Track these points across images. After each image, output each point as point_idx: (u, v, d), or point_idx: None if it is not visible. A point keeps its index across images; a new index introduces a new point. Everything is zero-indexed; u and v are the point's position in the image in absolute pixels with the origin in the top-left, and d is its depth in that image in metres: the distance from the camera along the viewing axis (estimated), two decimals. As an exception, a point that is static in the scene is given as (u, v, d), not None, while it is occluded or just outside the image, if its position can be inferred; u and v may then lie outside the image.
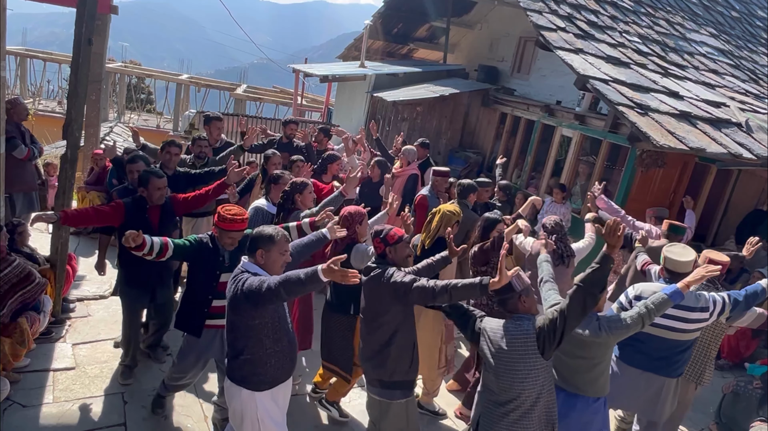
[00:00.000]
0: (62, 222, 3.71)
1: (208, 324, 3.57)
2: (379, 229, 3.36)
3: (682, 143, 6.07)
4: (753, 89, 8.93)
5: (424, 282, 3.05)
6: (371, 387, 3.46)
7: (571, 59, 7.19)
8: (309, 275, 2.68)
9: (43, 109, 17.19)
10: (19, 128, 5.70)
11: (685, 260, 3.68)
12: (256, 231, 3.00)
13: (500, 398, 2.95)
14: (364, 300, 3.39)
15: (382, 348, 3.30)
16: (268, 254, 2.95)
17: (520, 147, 9.45)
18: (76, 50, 4.33)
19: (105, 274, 4.55)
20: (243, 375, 2.98)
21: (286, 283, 2.71)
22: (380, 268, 3.25)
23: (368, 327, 3.37)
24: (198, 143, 5.60)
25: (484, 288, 2.87)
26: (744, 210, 8.15)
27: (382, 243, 3.32)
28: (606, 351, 3.28)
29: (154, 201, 3.99)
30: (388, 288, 3.16)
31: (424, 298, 3.08)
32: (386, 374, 3.34)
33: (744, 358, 6.08)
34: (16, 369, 4.08)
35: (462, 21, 11.91)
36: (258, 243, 2.95)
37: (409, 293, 3.07)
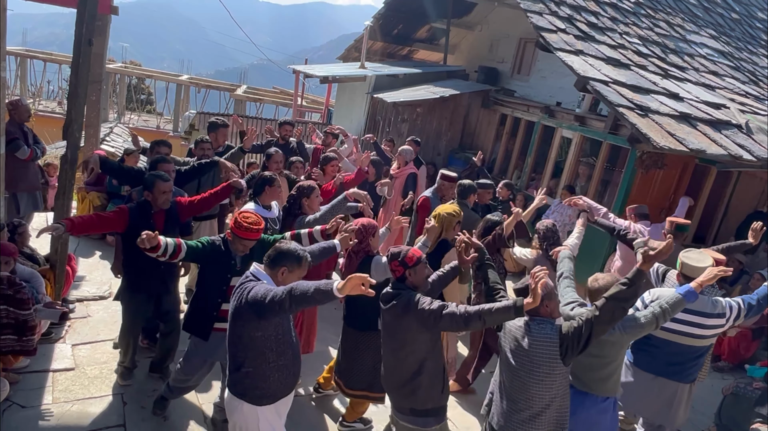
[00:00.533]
0: (68, 231, 3.63)
1: (216, 327, 3.53)
2: (396, 251, 3.17)
3: (682, 145, 6.07)
4: (753, 91, 8.93)
5: (455, 309, 2.92)
6: (402, 415, 3.29)
7: (571, 60, 7.19)
8: (322, 291, 2.56)
9: (43, 109, 17.20)
10: (22, 128, 5.75)
11: (703, 266, 3.67)
12: (285, 247, 2.90)
13: (513, 394, 2.99)
14: (387, 328, 3.23)
15: (413, 377, 3.15)
16: (290, 274, 2.88)
17: (520, 148, 9.45)
18: (76, 51, 4.34)
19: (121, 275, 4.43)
20: (244, 389, 2.91)
21: (295, 295, 2.61)
22: (403, 295, 3.07)
23: (395, 356, 3.20)
24: (201, 146, 5.47)
25: (518, 311, 2.81)
26: (744, 211, 8.15)
27: (401, 266, 3.12)
28: (619, 350, 3.28)
29: (158, 205, 3.92)
30: (416, 316, 3.00)
31: (456, 326, 2.95)
32: (419, 403, 3.21)
33: (744, 360, 6.08)
34: (16, 370, 4.08)
35: (462, 22, 11.91)
36: (284, 261, 2.87)
37: (440, 321, 2.94)
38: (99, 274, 5.93)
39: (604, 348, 3.22)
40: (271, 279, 2.86)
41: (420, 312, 2.97)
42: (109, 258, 6.32)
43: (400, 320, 3.08)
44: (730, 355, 6.13)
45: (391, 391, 3.35)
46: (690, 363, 3.81)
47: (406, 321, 3.05)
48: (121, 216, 3.82)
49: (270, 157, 5.48)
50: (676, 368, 3.77)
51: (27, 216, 6.06)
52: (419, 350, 3.12)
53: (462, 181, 5.47)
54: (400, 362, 3.19)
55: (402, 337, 3.12)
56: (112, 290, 5.60)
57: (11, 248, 3.97)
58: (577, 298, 3.35)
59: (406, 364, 3.16)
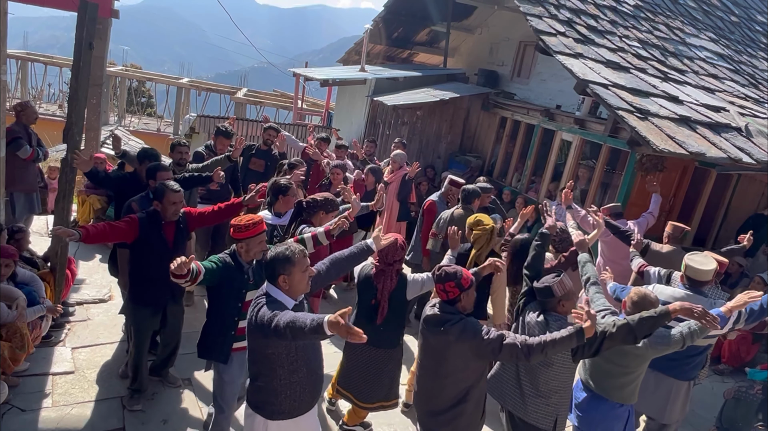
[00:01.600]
0: (83, 240, 3.48)
1: (235, 347, 3.36)
2: (452, 272, 2.97)
3: (682, 148, 6.08)
4: (753, 94, 8.94)
5: (515, 341, 2.82)
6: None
7: (571, 64, 7.21)
8: (314, 326, 2.42)
9: (43, 112, 17.20)
10: (27, 130, 5.81)
11: (707, 269, 3.74)
12: (270, 255, 2.77)
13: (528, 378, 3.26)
14: (432, 352, 3.05)
15: (457, 404, 3.03)
16: (290, 278, 2.73)
17: (520, 151, 9.45)
18: (77, 54, 4.34)
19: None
20: (257, 402, 2.87)
21: (293, 328, 2.49)
22: (455, 319, 2.92)
23: (439, 381, 3.04)
24: (178, 149, 5.21)
25: (580, 337, 2.80)
26: (744, 214, 8.15)
27: (457, 289, 2.94)
28: (642, 363, 3.32)
29: (168, 216, 3.77)
30: (473, 345, 2.87)
31: (516, 357, 2.84)
32: (458, 430, 3.10)
33: (745, 363, 6.07)
34: (15, 373, 4.07)
35: (462, 25, 11.93)
36: (277, 268, 2.73)
37: (498, 353, 2.84)
38: (99, 277, 5.93)
39: (627, 359, 3.27)
40: (279, 291, 2.76)
41: (478, 342, 2.85)
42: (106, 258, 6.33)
43: (452, 346, 2.92)
44: (730, 358, 6.12)
45: (427, 416, 3.17)
46: (687, 360, 3.85)
47: (460, 349, 2.91)
48: (131, 226, 3.69)
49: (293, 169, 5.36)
50: (673, 364, 3.81)
51: (26, 219, 6.07)
52: (469, 378, 3.01)
53: (466, 186, 5.51)
54: (443, 388, 3.04)
55: (453, 363, 2.97)
56: (113, 293, 5.60)
57: (11, 250, 3.97)
58: (608, 306, 3.43)
59: (452, 391, 3.03)
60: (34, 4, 6.98)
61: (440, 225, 5.42)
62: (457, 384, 3.01)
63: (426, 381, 3.13)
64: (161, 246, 3.77)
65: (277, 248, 2.79)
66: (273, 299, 2.71)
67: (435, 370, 3.05)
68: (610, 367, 3.32)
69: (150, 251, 3.77)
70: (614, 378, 3.34)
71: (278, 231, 4.25)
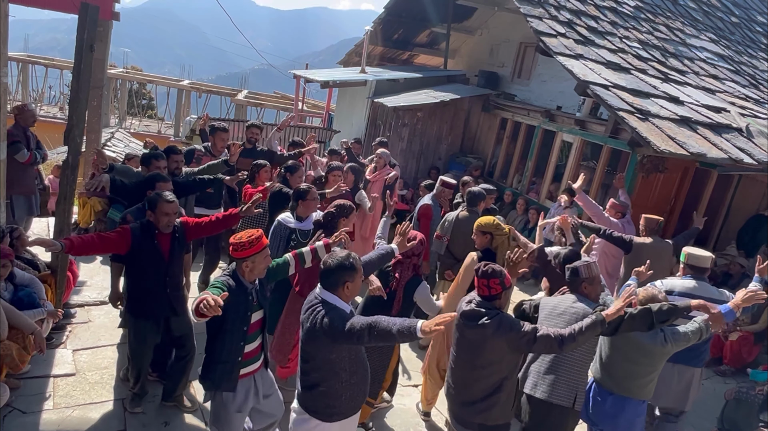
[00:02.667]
0: (67, 251, 3.34)
1: (242, 373, 3.22)
2: (498, 270, 3.14)
3: (683, 148, 6.07)
4: (753, 94, 8.94)
5: (548, 332, 3.03)
6: (464, 429, 3.32)
7: (572, 65, 7.21)
8: (404, 330, 2.54)
9: (44, 114, 17.20)
10: (25, 133, 5.78)
11: (706, 255, 4.09)
12: (336, 263, 2.78)
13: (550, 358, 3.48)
14: (469, 345, 3.20)
15: (492, 393, 3.19)
16: (353, 285, 2.82)
17: (520, 152, 9.45)
18: (77, 56, 4.34)
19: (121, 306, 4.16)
20: (317, 407, 2.92)
21: (374, 333, 2.58)
22: (491, 314, 3.09)
23: (473, 373, 3.21)
24: (173, 158, 4.96)
25: (602, 324, 3.04)
26: (745, 215, 8.14)
27: (500, 286, 3.13)
28: (663, 360, 3.53)
29: (161, 227, 3.63)
30: (509, 338, 3.05)
31: (550, 348, 3.06)
32: (491, 419, 3.25)
33: (746, 364, 6.06)
34: (17, 376, 4.07)
35: (462, 27, 11.94)
36: (343, 277, 2.78)
37: (533, 344, 3.04)
38: (100, 279, 5.93)
39: (654, 357, 3.46)
40: (338, 298, 2.81)
41: (515, 335, 3.03)
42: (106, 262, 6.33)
43: (490, 339, 3.09)
44: (732, 359, 6.10)
45: (461, 406, 3.31)
46: (701, 348, 4.13)
47: (497, 342, 3.07)
48: (123, 237, 3.55)
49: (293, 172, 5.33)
50: (692, 354, 4.04)
51: (25, 221, 6.07)
52: (504, 369, 3.17)
53: (472, 189, 5.54)
54: (479, 379, 3.20)
55: (489, 356, 3.14)
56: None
57: (6, 251, 3.96)
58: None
59: (487, 381, 3.18)
60: (35, 7, 7.00)
61: (445, 228, 5.42)
62: (492, 375, 3.17)
63: (462, 372, 3.27)
64: (156, 258, 3.66)
65: (338, 256, 2.82)
66: (333, 306, 2.77)
67: (471, 362, 3.20)
68: (636, 368, 3.50)
69: (145, 263, 3.66)
70: (640, 377, 3.51)
71: (296, 236, 4.20)
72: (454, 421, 3.40)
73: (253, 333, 3.17)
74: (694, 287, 4.06)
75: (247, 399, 3.26)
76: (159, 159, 4.76)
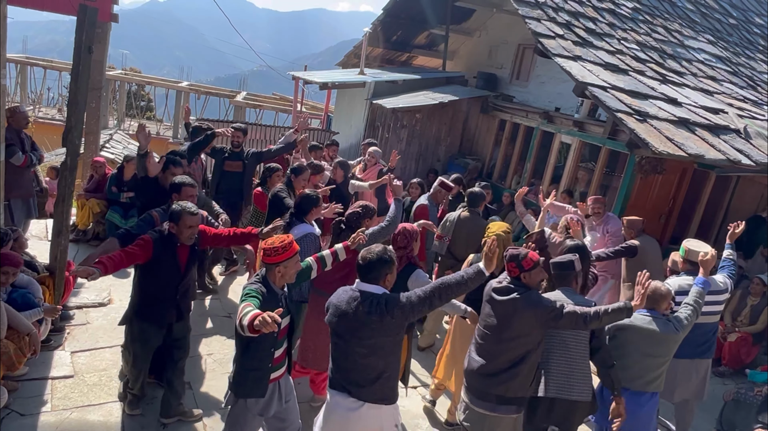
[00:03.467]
0: (104, 274, 3.39)
1: (271, 378, 3.24)
2: (515, 254, 3.34)
3: (681, 150, 6.08)
4: (751, 95, 8.96)
5: (575, 309, 3.20)
6: (481, 402, 3.41)
7: (570, 66, 7.22)
8: (473, 275, 2.93)
9: (43, 116, 17.20)
10: (19, 135, 5.70)
11: (706, 249, 4.16)
12: (377, 258, 2.94)
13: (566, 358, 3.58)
14: (498, 318, 3.34)
15: (515, 365, 3.32)
16: (392, 276, 3.02)
17: (519, 153, 9.46)
18: (76, 58, 4.34)
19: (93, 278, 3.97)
20: (384, 393, 3.01)
21: (444, 288, 2.89)
22: (521, 291, 3.27)
23: (500, 345, 3.34)
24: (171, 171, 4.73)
25: (628, 311, 3.18)
26: (743, 216, 8.12)
27: (517, 269, 3.32)
28: (676, 347, 3.72)
29: (183, 239, 3.65)
30: (538, 313, 3.21)
31: (575, 324, 3.22)
32: (510, 391, 3.35)
33: (745, 365, 6.07)
34: (15, 378, 4.07)
35: (461, 28, 11.95)
36: (384, 269, 2.96)
37: (560, 319, 3.19)
38: (98, 281, 5.88)
39: (668, 346, 3.65)
40: (379, 287, 2.97)
41: (542, 311, 3.21)
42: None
43: (519, 313, 3.26)
44: (731, 360, 6.11)
45: (482, 378, 3.41)
46: (712, 339, 4.35)
47: (526, 316, 3.24)
48: (145, 248, 3.57)
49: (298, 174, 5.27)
50: (705, 346, 4.25)
51: (23, 224, 6.05)
52: (530, 342, 3.31)
53: (473, 189, 5.57)
54: (505, 351, 3.33)
55: (516, 329, 3.29)
56: (112, 297, 5.59)
57: (16, 259, 3.96)
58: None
59: (513, 353, 3.32)
60: (34, 8, 7.01)
61: (446, 228, 5.42)
62: (518, 347, 3.31)
63: (489, 345, 3.40)
64: (173, 269, 3.68)
65: (376, 249, 2.98)
66: (379, 294, 2.93)
67: (499, 334, 3.34)
68: (654, 360, 3.64)
69: (161, 272, 3.68)
70: (657, 368, 3.67)
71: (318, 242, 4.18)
72: (472, 397, 3.46)
73: (281, 338, 3.19)
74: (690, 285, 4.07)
75: (270, 404, 3.26)
76: (177, 166, 4.70)
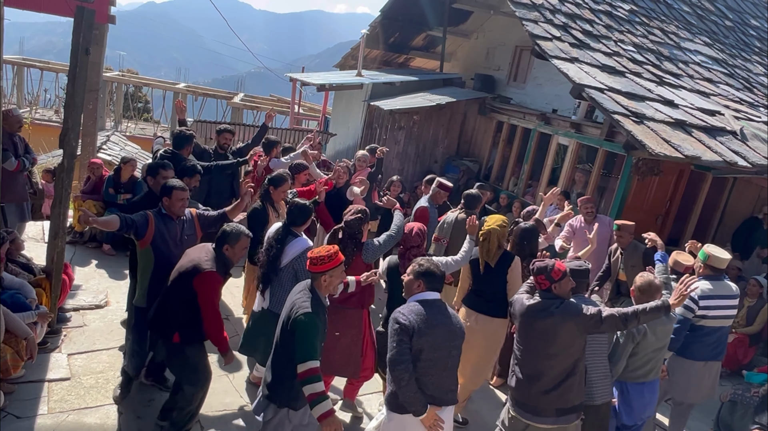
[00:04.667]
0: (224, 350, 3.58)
1: None
2: (543, 266, 3.35)
3: (678, 151, 6.10)
4: (747, 97, 8.99)
5: (613, 312, 3.26)
6: (541, 418, 3.39)
7: (567, 68, 7.23)
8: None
9: (39, 118, 17.16)
10: (12, 139, 5.63)
11: (727, 257, 4.26)
12: (435, 269, 3.14)
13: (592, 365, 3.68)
14: (540, 336, 3.34)
15: (567, 377, 3.34)
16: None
17: (516, 155, 9.48)
18: (73, 59, 4.34)
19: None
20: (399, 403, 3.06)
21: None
22: (557, 304, 3.30)
23: (549, 361, 3.34)
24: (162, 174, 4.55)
25: (666, 310, 3.27)
26: (740, 217, 8.18)
27: (547, 281, 3.34)
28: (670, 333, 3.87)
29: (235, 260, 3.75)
30: (578, 321, 3.26)
31: (616, 327, 3.30)
32: (568, 402, 3.37)
33: (741, 366, 6.08)
34: (11, 380, 4.05)
35: (458, 30, 11.97)
36: (442, 281, 3.20)
37: (601, 324, 3.25)
38: (95, 283, 5.91)
39: (666, 335, 3.77)
40: (436, 294, 3.18)
41: (582, 318, 3.25)
42: (106, 267, 6.31)
43: (560, 326, 3.27)
44: (727, 361, 6.11)
45: (534, 396, 3.39)
46: (725, 342, 4.43)
47: (567, 327, 3.27)
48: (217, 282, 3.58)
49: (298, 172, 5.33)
50: (719, 350, 4.32)
51: (18, 227, 6.02)
52: (576, 351, 3.35)
53: (470, 191, 5.57)
54: (554, 366, 3.34)
55: (561, 342, 3.31)
56: (109, 299, 5.58)
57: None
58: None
59: (561, 366, 3.35)
60: (31, 10, 7.00)
61: (444, 230, 5.43)
62: (566, 359, 3.33)
63: (535, 363, 3.40)
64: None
65: (430, 263, 3.21)
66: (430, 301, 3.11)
67: (545, 351, 3.35)
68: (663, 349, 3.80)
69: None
70: (662, 356, 3.83)
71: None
72: (530, 415, 3.41)
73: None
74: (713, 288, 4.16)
75: (305, 414, 3.25)
76: (167, 169, 4.61)
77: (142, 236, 3.80)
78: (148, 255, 3.87)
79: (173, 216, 3.94)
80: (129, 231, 3.75)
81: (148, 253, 3.86)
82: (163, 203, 3.92)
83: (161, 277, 3.76)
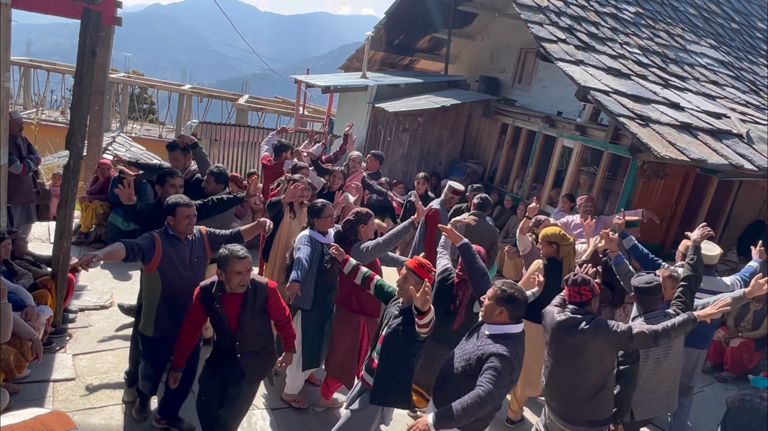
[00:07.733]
0: (178, 366, 3.55)
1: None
2: (587, 279, 3.38)
3: (683, 154, 6.08)
4: (753, 100, 8.95)
5: (643, 329, 3.28)
6: (574, 426, 3.46)
7: (572, 70, 7.22)
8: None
9: (46, 118, 17.27)
10: (15, 141, 5.63)
11: (715, 253, 4.43)
12: (523, 298, 3.01)
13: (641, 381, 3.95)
14: (571, 351, 3.37)
15: (599, 391, 3.39)
16: None
17: (521, 158, 9.46)
18: (79, 61, 4.36)
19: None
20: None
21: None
22: (588, 320, 3.31)
23: (580, 375, 3.38)
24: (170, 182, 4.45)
25: (693, 322, 3.30)
26: (745, 221, 8.14)
27: (590, 292, 3.37)
28: None
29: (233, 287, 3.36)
30: (609, 338, 3.27)
31: (646, 343, 3.32)
32: (601, 414, 3.43)
33: (747, 370, 6.04)
34: (16, 380, 4.06)
35: (463, 32, 11.97)
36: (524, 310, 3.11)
37: (631, 341, 3.27)
38: (100, 284, 5.93)
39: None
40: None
41: (613, 335, 3.26)
42: (111, 268, 6.33)
43: (590, 342, 3.29)
44: (733, 365, 6.09)
45: (569, 406, 3.48)
46: (708, 332, 4.59)
47: (598, 343, 3.29)
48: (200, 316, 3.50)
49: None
50: (700, 338, 4.45)
51: (24, 228, 6.04)
52: (606, 366, 3.40)
53: (481, 195, 5.61)
54: (585, 379, 3.38)
55: (591, 358, 3.34)
56: (114, 299, 5.60)
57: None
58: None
59: (593, 380, 3.38)
60: (38, 12, 7.03)
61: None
62: (596, 374, 3.38)
63: (566, 377, 3.44)
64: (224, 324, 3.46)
65: (513, 289, 3.05)
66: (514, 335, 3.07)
67: (576, 365, 3.39)
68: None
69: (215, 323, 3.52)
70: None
71: (326, 250, 4.15)
72: (562, 421, 3.50)
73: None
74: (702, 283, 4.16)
75: (382, 414, 3.44)
76: (175, 176, 4.52)
77: (149, 260, 3.56)
78: (155, 280, 3.62)
79: (180, 236, 3.67)
80: (136, 258, 3.57)
81: (155, 278, 3.61)
82: (168, 222, 3.65)
83: (169, 304, 3.62)
